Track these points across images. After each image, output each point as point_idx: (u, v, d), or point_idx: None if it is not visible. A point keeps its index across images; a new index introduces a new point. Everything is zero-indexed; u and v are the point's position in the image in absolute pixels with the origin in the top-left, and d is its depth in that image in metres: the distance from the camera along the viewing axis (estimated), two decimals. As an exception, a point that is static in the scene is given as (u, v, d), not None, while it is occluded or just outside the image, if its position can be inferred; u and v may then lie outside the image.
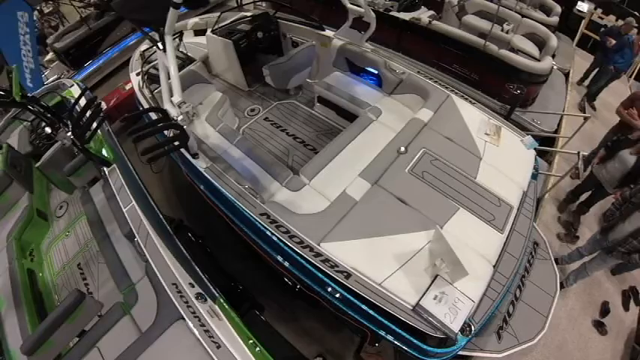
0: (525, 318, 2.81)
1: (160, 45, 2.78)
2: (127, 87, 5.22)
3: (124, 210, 2.91)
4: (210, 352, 2.04)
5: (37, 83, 4.97)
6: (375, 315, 2.08)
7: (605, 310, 3.55)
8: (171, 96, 2.59)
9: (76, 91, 4.49)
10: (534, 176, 3.06)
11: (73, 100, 4.30)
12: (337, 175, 2.71)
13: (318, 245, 2.13)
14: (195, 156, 2.72)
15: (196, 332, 2.11)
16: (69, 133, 2.92)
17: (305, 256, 2.10)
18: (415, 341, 2.09)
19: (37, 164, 3.77)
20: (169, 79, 2.62)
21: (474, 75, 4.64)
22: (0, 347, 3.18)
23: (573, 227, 3.97)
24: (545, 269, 3.22)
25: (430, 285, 2.12)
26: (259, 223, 2.27)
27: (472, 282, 2.18)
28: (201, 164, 2.70)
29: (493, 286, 2.33)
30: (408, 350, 2.18)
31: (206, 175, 2.63)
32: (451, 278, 2.16)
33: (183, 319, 2.19)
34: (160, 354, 2.18)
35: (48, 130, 4.11)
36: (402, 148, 2.72)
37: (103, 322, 2.74)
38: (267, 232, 2.24)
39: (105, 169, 3.35)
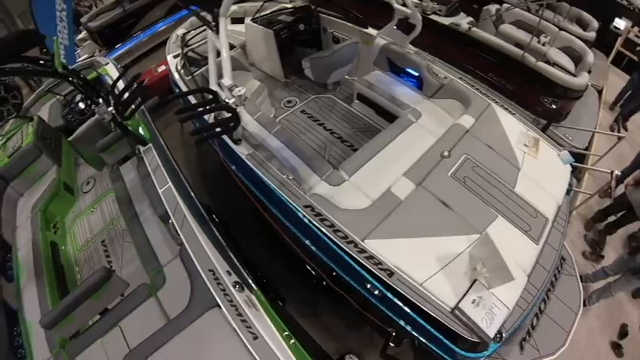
0: (548, 332, 2.89)
1: (212, 26, 2.80)
2: (160, 69, 5.32)
3: (160, 191, 2.93)
4: (247, 343, 2.03)
5: (70, 60, 5.07)
6: (412, 314, 2.17)
7: (623, 332, 3.63)
8: (221, 78, 2.64)
9: (111, 69, 4.60)
10: (567, 192, 3.14)
11: (108, 77, 4.41)
12: (377, 173, 2.80)
13: (362, 241, 2.21)
14: (237, 142, 2.79)
15: (232, 321, 2.11)
16: (110, 108, 2.93)
17: (349, 251, 2.18)
18: (448, 343, 2.18)
19: (70, 138, 3.87)
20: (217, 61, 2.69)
21: (509, 85, 4.72)
22: (15, 317, 3.23)
23: (599, 246, 4.05)
24: (570, 285, 3.30)
25: (469, 289, 2.20)
26: (303, 214, 2.35)
27: (508, 289, 2.27)
28: (242, 151, 2.77)
29: (524, 295, 2.42)
30: (438, 351, 2.28)
31: (247, 162, 2.70)
32: (489, 284, 2.24)
33: (219, 307, 2.20)
34: (192, 341, 2.18)
35: (81, 105, 4.23)
36: (446, 152, 2.80)
37: (128, 302, 2.76)
38: (311, 225, 2.32)
39: (140, 147, 3.40)
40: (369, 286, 2.20)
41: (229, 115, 2.39)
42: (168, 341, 2.21)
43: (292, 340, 2.12)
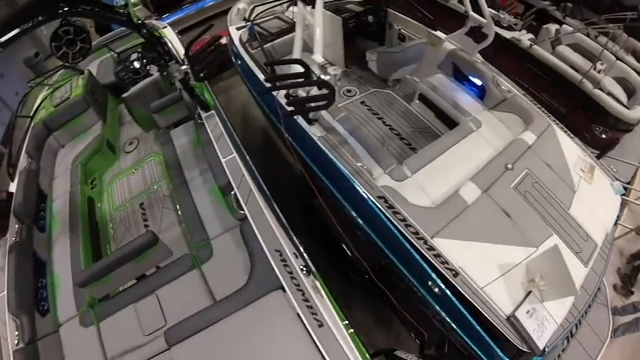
0: (575, 356, 3.04)
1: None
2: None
3: (223, 160, 2.92)
4: (311, 330, 2.01)
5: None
6: (468, 316, 2.32)
7: (644, 369, 3.79)
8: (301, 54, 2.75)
9: (168, 32, 4.74)
10: (614, 222, 3.30)
11: (167, 40, 4.55)
12: (439, 175, 2.96)
13: (431, 239, 2.37)
14: (312, 122, 2.90)
15: (297, 306, 2.09)
16: (184, 67, 2.95)
17: (418, 247, 2.33)
18: (495, 348, 2.34)
19: (124, 95, 3.97)
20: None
21: (561, 108, 4.87)
22: (43, 269, 3.29)
23: (630, 282, 4.22)
24: (601, 314, 3.46)
25: (524, 299, 2.37)
26: (375, 205, 2.50)
27: (557, 305, 2.44)
28: (315, 132, 2.89)
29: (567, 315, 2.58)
30: (481, 355, 2.44)
31: (320, 144, 2.83)
32: (543, 297, 2.41)
33: (283, 289, 2.18)
34: (249, 322, 2.16)
35: (137, 64, 4.37)
36: (510, 165, 2.96)
37: (168, 271, 2.78)
38: (382, 216, 2.48)
39: (202, 113, 3.43)
40: (430, 283, 2.35)
41: (321, 92, 2.44)
42: (221, 319, 2.19)
43: (351, 330, 2.11)
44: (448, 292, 2.30)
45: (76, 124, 4.50)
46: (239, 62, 3.93)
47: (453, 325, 2.43)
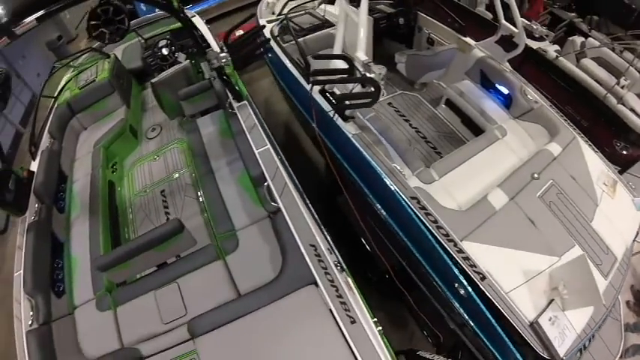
0: None
1: None
2: (238, 33, 5.55)
3: (257, 151, 2.92)
4: (343, 327, 2.01)
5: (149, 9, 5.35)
6: (492, 320, 2.41)
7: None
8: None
9: (197, 21, 4.83)
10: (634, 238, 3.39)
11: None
12: (466, 180, 3.06)
13: (461, 242, 2.47)
14: (348, 120, 2.97)
15: (330, 302, 2.09)
16: (222, 54, 2.96)
17: (448, 249, 2.43)
18: (516, 353, 2.43)
19: (153, 80, 4.01)
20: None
21: (583, 121, 4.94)
22: (60, 250, 3.32)
23: (644, 299, 4.31)
24: (613, 329, 3.54)
25: (547, 307, 2.46)
26: (408, 205, 2.60)
27: (577, 315, 2.54)
28: (350, 130, 2.97)
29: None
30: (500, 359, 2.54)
31: (354, 142, 2.91)
32: (564, 305, 2.51)
33: (316, 284, 2.19)
34: (280, 316, 2.16)
35: (165, 51, 4.47)
36: (536, 175, 3.05)
37: (190, 260, 2.79)
38: (414, 217, 2.57)
39: (235, 103, 3.44)
40: (456, 285, 2.45)
41: (364, 89, 2.52)
42: (250, 312, 2.20)
43: (380, 328, 2.11)
44: (474, 294, 2.39)
45: (100, 107, 4.60)
46: (269, 55, 4.02)
47: (474, 327, 2.52)
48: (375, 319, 2.11)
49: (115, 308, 2.73)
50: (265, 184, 2.73)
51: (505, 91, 3.90)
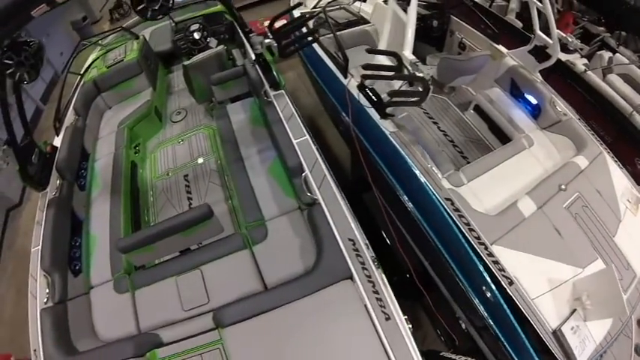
0: None
1: None
2: (266, 23, 5.63)
3: (295, 142, 2.91)
4: (377, 323, 1.99)
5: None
6: (516, 325, 2.49)
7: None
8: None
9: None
10: None
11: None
12: (492, 186, 3.14)
13: (491, 245, 2.56)
14: (386, 117, 3.03)
15: (367, 298, 2.08)
16: (267, 40, 2.96)
17: (479, 252, 2.51)
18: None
19: (186, 63, 4.06)
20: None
21: (607, 137, 5.01)
22: (78, 228, 3.34)
23: (655, 319, 4.38)
24: (624, 346, 3.62)
25: (569, 316, 2.55)
26: (442, 206, 2.69)
27: (597, 327, 2.63)
28: (387, 127, 3.04)
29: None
30: None
31: (392, 139, 2.98)
32: (586, 316, 2.59)
33: (352, 279, 2.18)
34: (315, 310, 2.14)
35: (196, 35, 4.54)
36: (563, 186, 3.13)
37: (216, 247, 2.76)
38: (447, 218, 2.66)
39: (271, 92, 3.43)
40: (484, 288, 2.53)
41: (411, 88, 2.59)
42: (283, 305, 2.17)
43: (410, 326, 2.09)
44: (501, 298, 2.48)
45: (126, 87, 4.67)
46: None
47: (497, 331, 2.60)
48: (406, 317, 2.11)
49: (133, 291, 2.73)
50: (303, 175, 2.74)
51: (534, 101, 3.97)
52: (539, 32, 3.88)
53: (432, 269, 3.21)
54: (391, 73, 2.74)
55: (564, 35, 3.78)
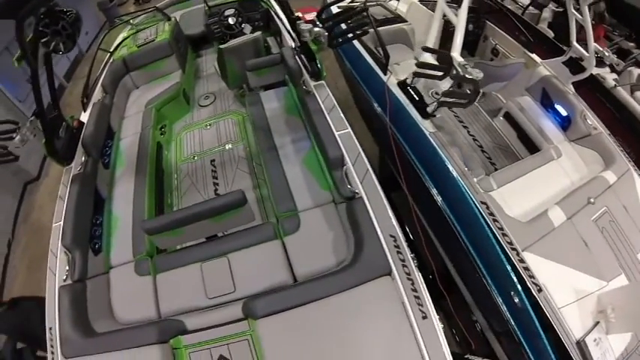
0: None
1: None
2: (298, 14, 5.67)
3: (337, 134, 2.89)
4: (414, 322, 1.99)
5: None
6: (541, 333, 2.56)
7: None
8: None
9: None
10: None
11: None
12: (522, 193, 3.19)
13: (522, 252, 2.62)
14: (427, 117, 3.07)
15: (405, 295, 2.06)
16: (317, 29, 2.91)
17: (511, 257, 2.58)
18: None
19: (222, 46, 4.06)
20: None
21: (632, 154, 5.05)
22: (101, 206, 3.34)
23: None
24: (637, 363, 3.71)
25: (592, 328, 2.61)
26: (478, 209, 2.75)
27: (618, 341, 2.69)
28: (427, 127, 3.09)
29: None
30: None
31: (431, 139, 3.04)
32: (608, 329, 2.66)
33: (391, 276, 2.17)
34: (352, 306, 2.11)
35: (231, 21, 4.58)
36: (592, 199, 3.18)
37: (245, 235, 2.75)
38: (482, 221, 2.72)
39: (312, 82, 3.42)
40: (512, 293, 2.60)
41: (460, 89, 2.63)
42: (320, 299, 2.12)
43: (442, 325, 2.07)
44: (528, 305, 2.54)
45: (156, 68, 4.72)
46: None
47: (520, 338, 2.67)
48: (438, 316, 2.10)
49: (154, 274, 2.71)
50: (344, 168, 2.74)
51: (564, 112, 4.02)
52: (575, 44, 3.92)
53: (455, 271, 3.27)
54: (440, 73, 2.80)
55: (601, 49, 3.81)
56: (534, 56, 4.23)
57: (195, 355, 2.15)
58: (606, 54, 3.80)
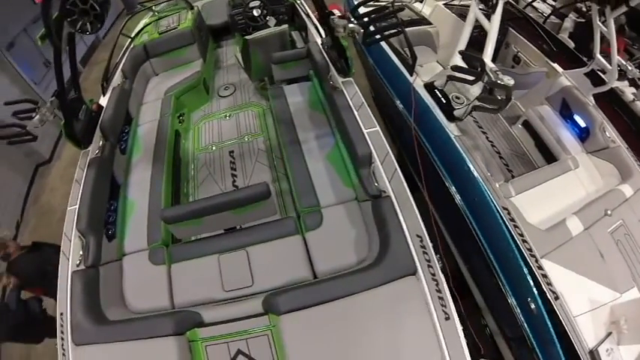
0: None
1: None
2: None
3: (366, 132, 2.87)
4: (437, 323, 1.99)
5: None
6: (555, 340, 2.61)
7: None
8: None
9: None
10: None
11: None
12: (539, 202, 3.24)
13: (541, 259, 2.67)
14: (454, 120, 3.11)
15: (429, 296, 2.06)
16: (352, 25, 2.87)
17: (530, 263, 2.63)
18: None
19: (248, 37, 4.08)
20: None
21: (648, 169, 5.10)
22: (116, 191, 3.34)
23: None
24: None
25: (605, 338, 2.67)
26: (499, 214, 2.79)
27: (628, 352, 2.74)
28: (453, 130, 3.13)
29: None
30: None
31: (456, 143, 3.08)
32: (620, 340, 2.71)
33: (416, 276, 2.16)
34: (376, 305, 2.10)
35: (256, 13, 4.61)
36: (609, 212, 3.23)
37: (266, 229, 2.74)
38: (503, 226, 2.77)
39: (340, 78, 3.41)
40: (529, 299, 2.65)
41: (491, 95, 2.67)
42: (343, 297, 2.11)
43: (462, 327, 2.08)
44: (544, 312, 2.59)
45: (177, 56, 4.76)
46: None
47: (534, 344, 2.72)
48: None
49: (169, 264, 2.70)
50: (372, 166, 2.72)
51: (582, 123, 4.06)
52: (598, 56, 3.95)
53: (469, 275, 3.32)
54: (472, 78, 2.85)
55: (624, 62, 3.85)
56: (556, 66, 4.26)
57: (212, 348, 2.12)
58: (629, 68, 3.83)
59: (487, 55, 2.83)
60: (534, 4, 6.11)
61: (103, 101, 4.02)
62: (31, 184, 6.20)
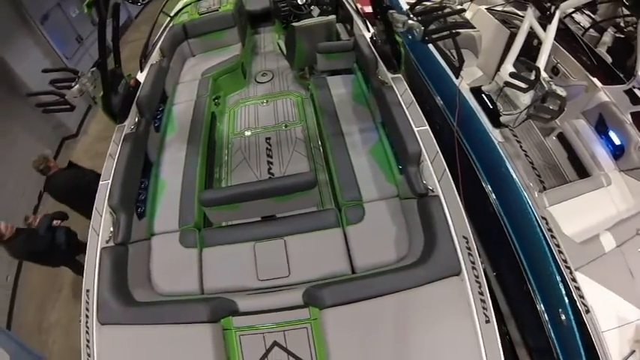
0: None
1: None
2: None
3: (416, 130, 2.86)
4: (477, 325, 1.99)
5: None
6: (582, 353, 2.66)
7: None
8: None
9: None
10: None
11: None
12: (573, 215, 3.28)
13: (575, 271, 2.72)
14: (499, 125, 3.14)
15: (472, 298, 2.07)
16: (411, 22, 2.82)
17: (565, 274, 2.68)
18: None
19: (296, 24, 4.09)
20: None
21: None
22: (148, 169, 3.34)
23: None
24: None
25: (628, 355, 2.72)
26: (537, 223, 2.85)
27: (650, 371, 2.80)
28: (497, 136, 3.18)
29: None
30: None
31: (499, 149, 3.12)
32: (643, 359, 2.76)
33: (460, 277, 2.15)
34: (420, 304, 2.08)
35: (300, 1, 4.62)
36: None
37: (305, 220, 2.72)
38: (540, 236, 2.83)
39: (389, 74, 3.39)
40: (560, 310, 2.70)
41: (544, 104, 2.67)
42: (388, 294, 2.10)
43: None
44: (574, 324, 2.65)
45: (216, 38, 4.80)
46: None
47: (559, 354, 2.78)
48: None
49: (200, 248, 2.68)
50: (421, 164, 2.70)
51: (617, 141, 4.07)
52: (640, 74, 3.96)
53: (495, 280, 3.37)
54: (525, 86, 2.88)
55: (665, 85, 3.85)
56: (596, 81, 4.27)
57: (247, 338, 2.08)
58: (671, 89, 3.83)
59: (541, 64, 2.85)
60: (573, 15, 6.08)
61: (140, 77, 4.07)
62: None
